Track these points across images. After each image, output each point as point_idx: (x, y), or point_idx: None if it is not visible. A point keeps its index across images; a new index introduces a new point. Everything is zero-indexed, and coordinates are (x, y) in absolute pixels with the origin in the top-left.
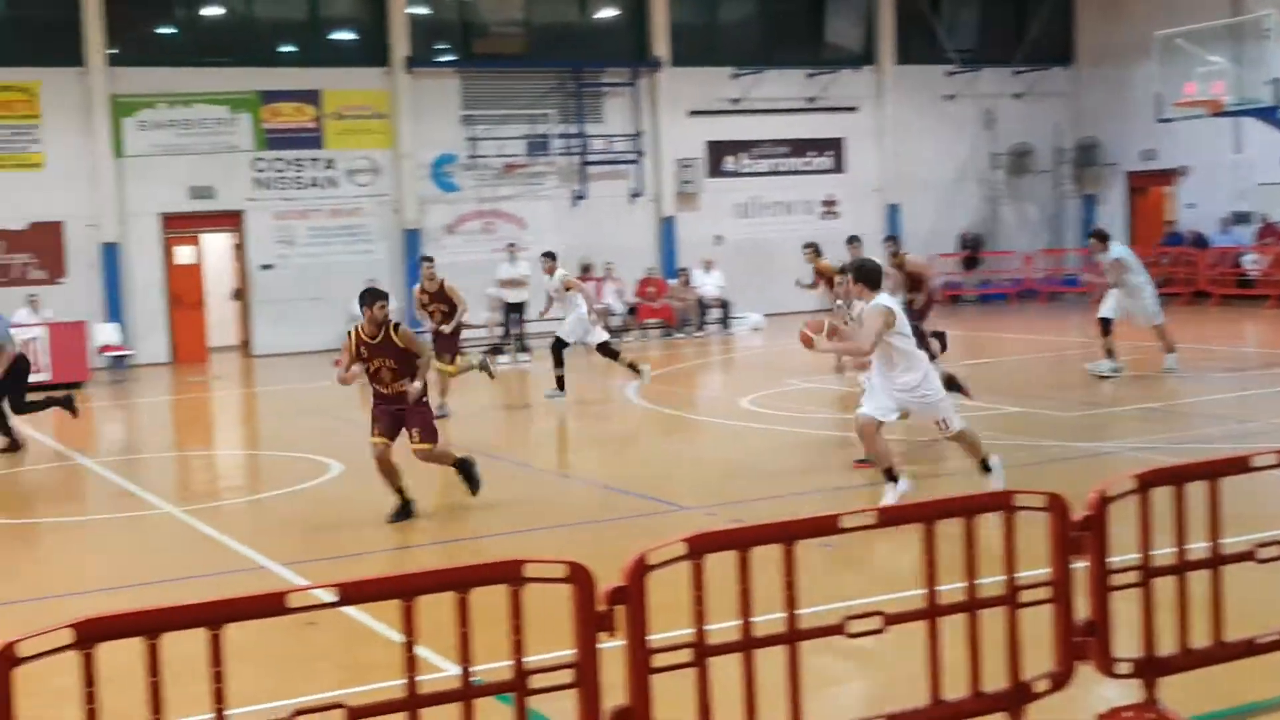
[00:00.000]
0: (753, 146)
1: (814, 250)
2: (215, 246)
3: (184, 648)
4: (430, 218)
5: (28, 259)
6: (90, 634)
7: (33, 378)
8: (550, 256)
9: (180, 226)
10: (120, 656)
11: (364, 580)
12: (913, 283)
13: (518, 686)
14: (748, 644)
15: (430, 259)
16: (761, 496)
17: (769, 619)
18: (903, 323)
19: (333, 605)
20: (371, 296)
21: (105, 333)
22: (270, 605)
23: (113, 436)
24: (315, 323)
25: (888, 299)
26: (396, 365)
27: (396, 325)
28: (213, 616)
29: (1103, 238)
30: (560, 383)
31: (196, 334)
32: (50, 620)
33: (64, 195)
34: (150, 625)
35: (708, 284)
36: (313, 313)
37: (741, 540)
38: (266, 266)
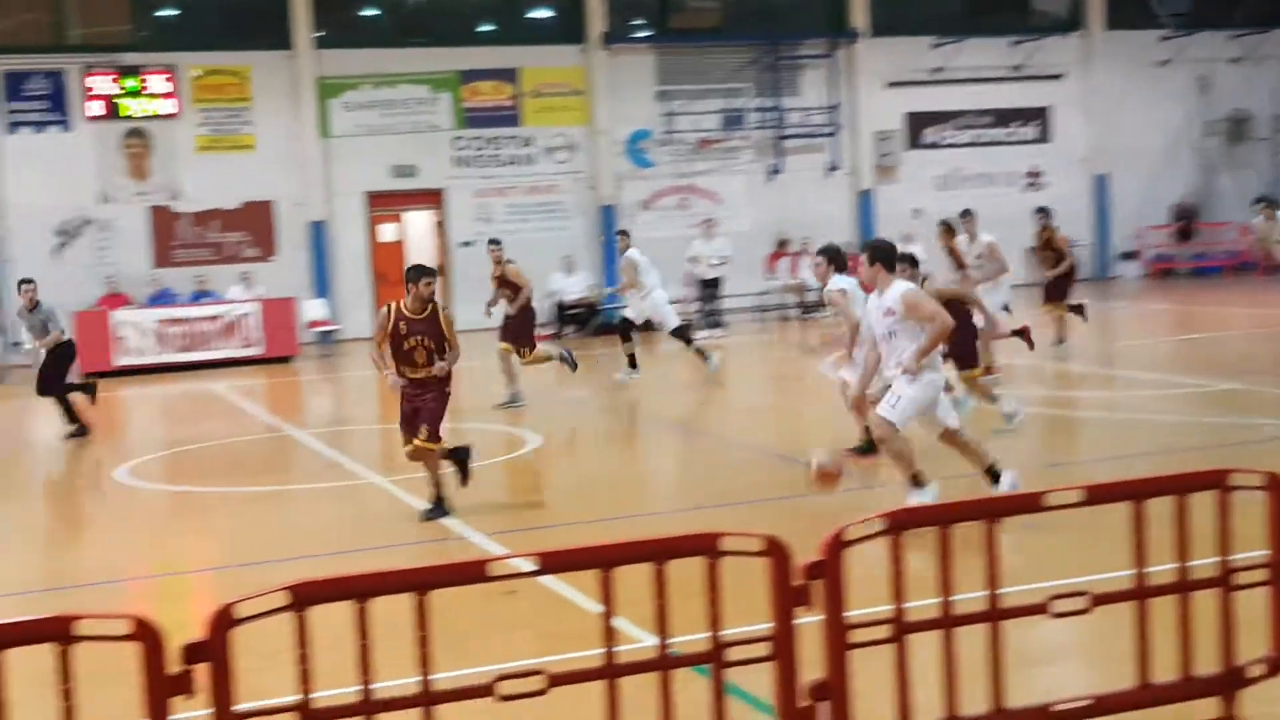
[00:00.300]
0: (954, 117)
1: (947, 229)
2: (417, 224)
3: (388, 613)
4: (626, 194)
5: (241, 237)
6: (304, 597)
7: (246, 352)
8: (623, 234)
9: (383, 205)
10: (330, 620)
11: (562, 550)
12: (1058, 258)
13: (714, 658)
14: (948, 622)
15: (496, 242)
16: (962, 474)
17: (970, 597)
18: None
19: (532, 574)
20: (418, 273)
21: (313, 308)
22: (472, 573)
23: (321, 409)
24: None
25: (906, 282)
26: (433, 346)
27: (443, 308)
28: (419, 582)
29: (1273, 205)
30: (632, 360)
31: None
32: (265, 584)
33: (274, 175)
34: (360, 589)
35: None
36: None
37: (942, 517)
38: (466, 243)
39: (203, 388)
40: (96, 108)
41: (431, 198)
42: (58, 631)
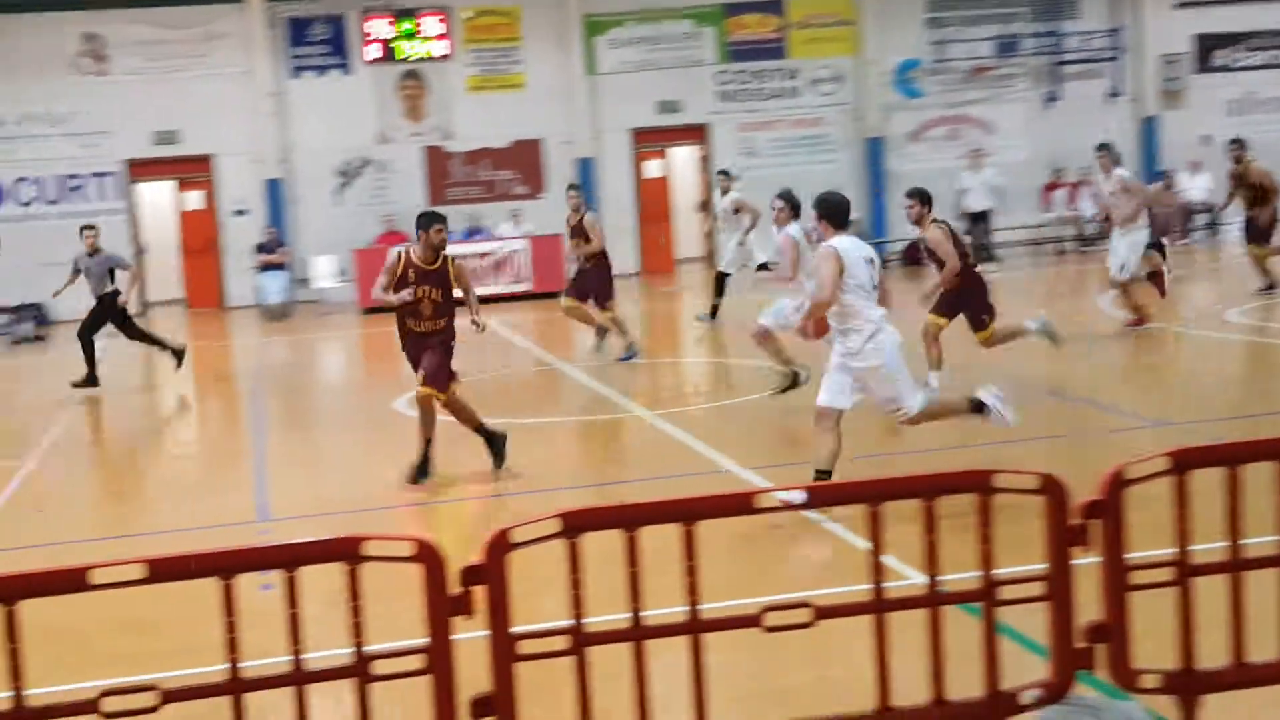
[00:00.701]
0: (1248, 38)
1: (1240, 148)
2: (681, 159)
3: (656, 543)
4: (893, 125)
5: (511, 175)
6: (576, 524)
7: (516, 288)
8: (725, 175)
9: (648, 140)
10: (600, 547)
11: (830, 484)
12: (1258, 195)
13: (986, 597)
14: (1236, 565)
15: (575, 186)
16: (1252, 413)
17: (1261, 541)
18: (856, 269)
19: (798, 508)
20: (429, 220)
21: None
22: (739, 505)
23: (587, 344)
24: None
25: (843, 240)
26: (441, 299)
27: (454, 259)
28: (687, 513)
29: None
30: (714, 312)
31: (663, 246)
32: (538, 512)
33: (542, 114)
34: (630, 518)
35: (1193, 188)
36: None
37: (1230, 456)
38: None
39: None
40: (374, 51)
41: (695, 133)
42: (347, 551)
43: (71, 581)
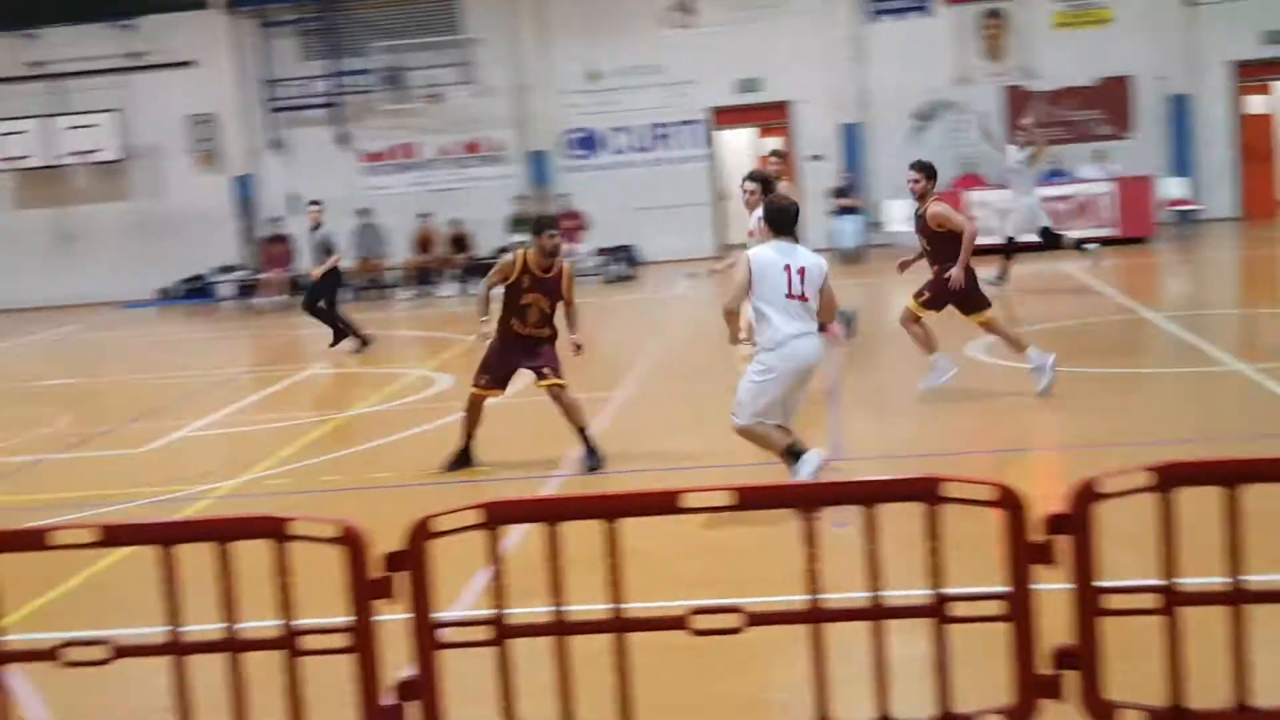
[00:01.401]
0: None
1: None
2: None
3: (1254, 504)
4: None
5: (1095, 115)
6: (1171, 478)
7: (1100, 231)
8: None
9: (1251, 74)
10: (1193, 501)
11: None
12: None
13: None
14: None
15: (780, 152)
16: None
17: None
18: (768, 277)
19: None
20: (540, 224)
21: (1172, 187)
22: None
23: (1178, 291)
24: None
25: (764, 248)
26: (549, 308)
27: (568, 268)
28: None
29: None
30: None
31: (1265, 187)
32: (1123, 464)
33: (1132, 48)
34: (1230, 474)
35: None
36: None
37: None
38: None
39: (1054, 267)
40: None
41: None
42: (926, 491)
43: (663, 504)
